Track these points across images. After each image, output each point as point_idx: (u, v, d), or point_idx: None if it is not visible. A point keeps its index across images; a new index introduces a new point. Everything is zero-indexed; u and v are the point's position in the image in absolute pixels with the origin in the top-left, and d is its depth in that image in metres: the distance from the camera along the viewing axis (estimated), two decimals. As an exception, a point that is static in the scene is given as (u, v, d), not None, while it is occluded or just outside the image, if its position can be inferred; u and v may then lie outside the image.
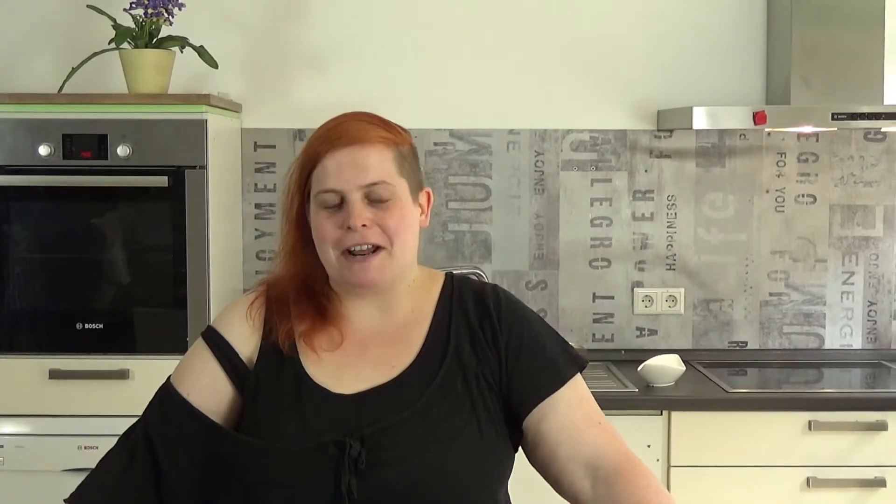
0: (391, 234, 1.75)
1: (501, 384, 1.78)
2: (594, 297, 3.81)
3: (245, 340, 1.82)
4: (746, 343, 3.82)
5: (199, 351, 1.84)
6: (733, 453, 3.21)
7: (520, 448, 1.85)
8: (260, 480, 1.71)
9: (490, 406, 1.77)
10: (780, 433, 3.21)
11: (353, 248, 1.75)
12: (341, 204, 1.75)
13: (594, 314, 3.82)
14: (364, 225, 1.74)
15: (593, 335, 3.81)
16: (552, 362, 1.81)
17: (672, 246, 3.80)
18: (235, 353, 1.81)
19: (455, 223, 3.79)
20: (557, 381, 1.79)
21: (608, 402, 3.16)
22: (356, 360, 1.79)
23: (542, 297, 3.80)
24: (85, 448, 3.13)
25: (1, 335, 3.22)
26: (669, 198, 3.79)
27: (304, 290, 1.84)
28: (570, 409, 1.78)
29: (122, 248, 3.26)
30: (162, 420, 1.79)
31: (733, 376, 3.57)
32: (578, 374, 1.83)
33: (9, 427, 3.20)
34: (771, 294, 3.81)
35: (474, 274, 3.56)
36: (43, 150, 3.18)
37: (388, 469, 1.69)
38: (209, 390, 1.79)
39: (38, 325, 3.26)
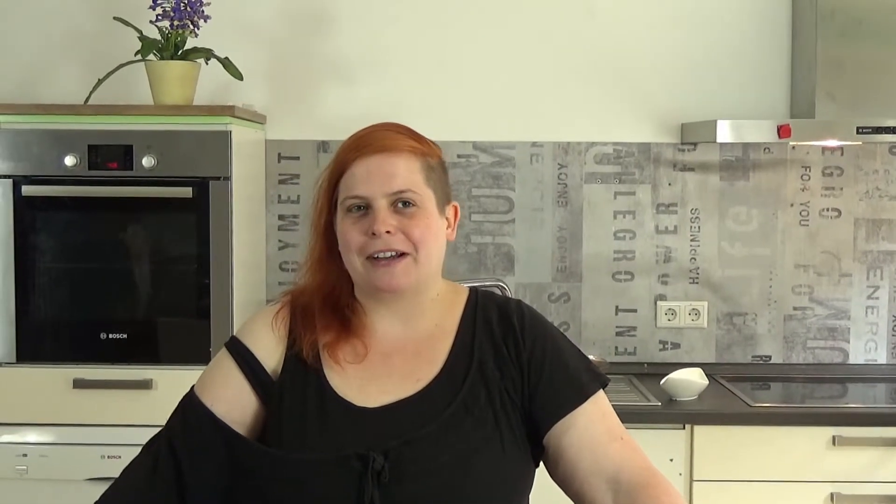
0: (416, 242, 1.76)
1: (524, 399, 1.78)
2: (617, 310, 3.80)
3: (269, 351, 1.82)
4: (770, 357, 3.80)
5: (223, 361, 1.84)
6: (756, 468, 3.19)
7: (541, 463, 1.85)
8: (282, 491, 1.71)
9: (513, 421, 1.77)
10: (804, 448, 3.19)
11: (377, 255, 1.75)
12: (367, 211, 1.76)
13: (617, 327, 3.81)
14: (388, 232, 1.74)
15: (616, 348, 3.80)
16: (574, 378, 1.81)
17: (695, 259, 3.79)
18: (259, 364, 1.81)
19: (478, 235, 3.79)
20: (579, 397, 1.79)
21: (631, 416, 3.16)
22: (380, 372, 1.80)
23: (565, 310, 3.80)
24: (108, 457, 3.14)
25: (26, 344, 3.23)
26: (693, 211, 3.78)
27: (329, 301, 1.84)
28: (592, 424, 1.78)
29: (146, 259, 3.28)
30: (185, 430, 1.79)
31: (756, 390, 3.55)
32: (601, 390, 1.83)
33: (33, 436, 3.22)
34: (795, 308, 3.80)
35: (497, 287, 3.55)
36: (69, 160, 3.20)
37: (411, 483, 1.69)
38: (233, 401, 1.80)
39: (63, 335, 3.27)
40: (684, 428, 3.21)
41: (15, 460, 3.21)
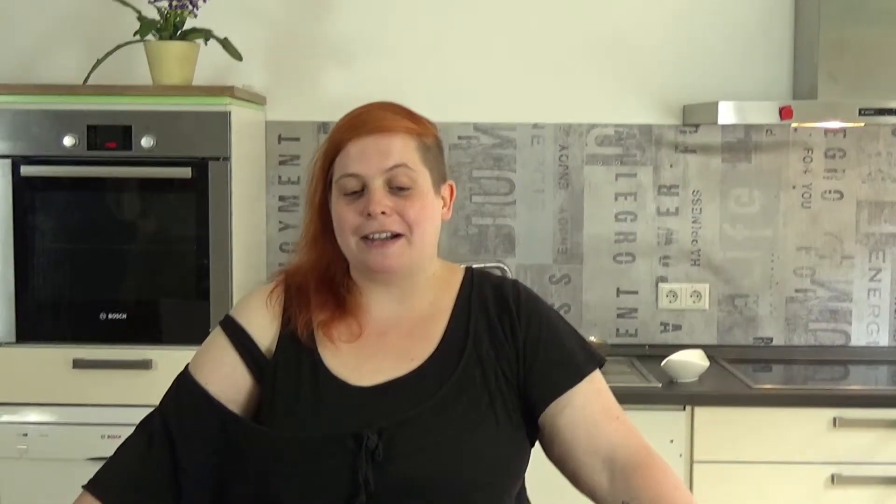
0: (410, 223, 1.75)
1: (519, 379, 1.78)
2: (618, 292, 3.80)
3: (264, 330, 1.82)
4: (772, 339, 3.80)
5: (218, 340, 1.84)
6: (757, 449, 3.18)
7: (536, 443, 1.84)
8: (275, 470, 1.71)
9: (508, 400, 1.77)
10: (805, 430, 3.19)
11: (372, 235, 1.75)
12: (362, 191, 1.76)
13: (618, 309, 3.80)
14: (384, 213, 1.74)
15: (617, 330, 3.79)
16: (570, 358, 1.81)
17: (697, 241, 3.78)
18: (254, 343, 1.81)
19: (479, 217, 3.78)
20: (575, 377, 1.79)
21: (631, 397, 3.18)
22: (375, 351, 1.79)
23: (566, 292, 3.79)
24: (108, 437, 3.13)
25: (25, 324, 3.23)
26: (694, 193, 3.77)
27: (324, 280, 1.84)
28: (588, 403, 1.78)
29: (145, 239, 3.28)
30: (179, 409, 1.79)
31: (758, 372, 3.55)
32: (597, 369, 1.82)
33: (33, 416, 3.22)
34: (797, 290, 3.79)
35: (497, 268, 3.55)
36: (67, 140, 3.19)
37: (406, 461, 1.69)
38: (227, 380, 1.80)
39: (62, 315, 3.27)
40: (685, 409, 3.20)
41: (15, 440, 3.21)
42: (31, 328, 3.23)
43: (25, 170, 3.21)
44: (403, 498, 1.68)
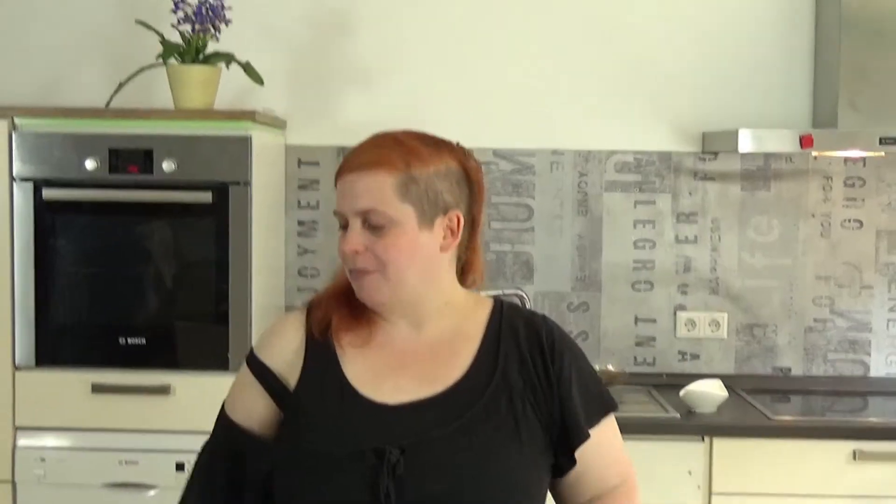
0: (383, 260, 1.77)
1: (548, 413, 1.81)
2: (636, 319, 3.79)
3: (286, 360, 1.85)
4: (790, 369, 3.78)
5: (243, 377, 1.89)
6: (776, 481, 3.17)
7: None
8: (298, 485, 1.75)
9: (533, 429, 1.79)
10: (824, 462, 3.17)
11: (353, 269, 1.80)
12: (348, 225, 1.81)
13: (636, 337, 3.79)
14: (357, 251, 1.77)
15: (635, 358, 3.78)
16: (597, 397, 1.88)
17: (715, 270, 3.77)
18: (275, 376, 1.85)
19: (497, 243, 3.78)
20: (601, 416, 1.87)
21: (650, 427, 3.18)
22: (394, 369, 1.82)
23: (584, 319, 3.78)
24: (126, 463, 3.14)
25: (45, 348, 3.23)
26: (713, 221, 3.76)
27: (344, 300, 1.86)
28: (600, 445, 1.86)
29: (165, 263, 3.28)
30: (217, 441, 1.88)
31: (776, 403, 3.53)
32: (612, 414, 1.90)
33: (51, 440, 3.22)
34: (815, 320, 3.77)
35: (516, 295, 3.54)
36: (89, 164, 3.20)
37: (427, 478, 1.71)
38: (255, 414, 1.86)
39: (82, 339, 3.27)
40: (703, 440, 3.19)
41: (34, 464, 3.21)
42: (50, 352, 3.24)
43: (47, 193, 3.21)
44: None
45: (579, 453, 1.82)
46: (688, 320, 3.77)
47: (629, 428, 3.04)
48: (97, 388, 3.19)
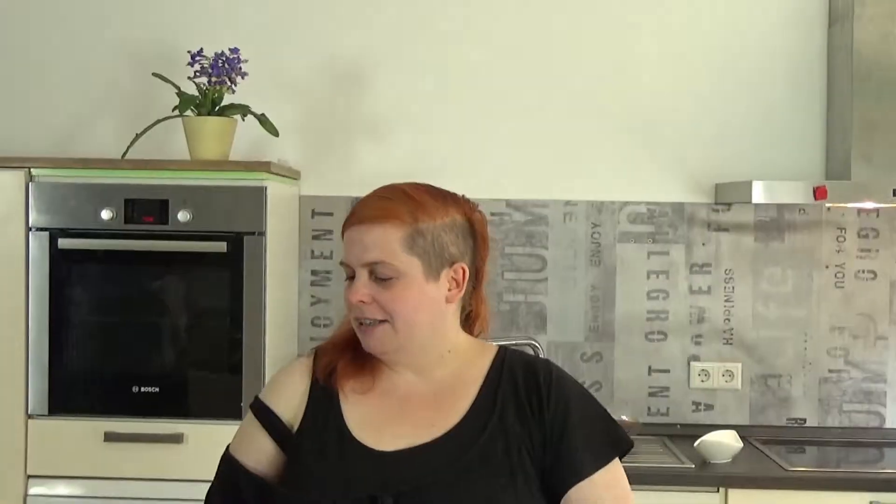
0: (390, 312, 1.79)
1: (542, 458, 1.80)
2: (650, 370, 3.78)
3: (289, 405, 1.88)
4: (805, 420, 3.76)
5: (248, 420, 1.92)
6: (792, 533, 3.14)
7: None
8: None
9: (528, 475, 1.78)
10: (841, 513, 3.15)
11: (360, 320, 1.82)
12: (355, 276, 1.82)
13: (650, 387, 3.78)
14: (364, 301, 1.79)
15: (649, 409, 3.77)
16: (592, 444, 1.83)
17: (729, 320, 3.77)
18: (280, 420, 1.87)
19: (511, 294, 3.79)
20: (595, 464, 1.82)
21: (664, 478, 3.16)
22: (396, 416, 1.83)
23: (598, 370, 3.78)
24: (138, 511, 3.15)
25: (58, 396, 3.24)
26: (727, 272, 3.76)
27: (350, 348, 1.88)
28: (602, 492, 1.81)
29: (179, 313, 3.29)
30: (223, 482, 1.90)
31: (791, 454, 3.51)
32: (617, 458, 1.85)
33: (63, 489, 3.22)
34: (830, 371, 3.76)
35: (529, 345, 3.55)
36: (105, 214, 3.23)
37: None
38: (259, 455, 1.88)
39: (95, 387, 3.28)
40: (718, 491, 3.16)
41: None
42: (63, 400, 3.24)
43: (63, 242, 3.23)
44: None
45: (571, 496, 1.79)
46: (701, 370, 3.76)
47: (644, 478, 3.07)
48: (110, 437, 3.19)
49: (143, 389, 3.23)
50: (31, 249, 3.24)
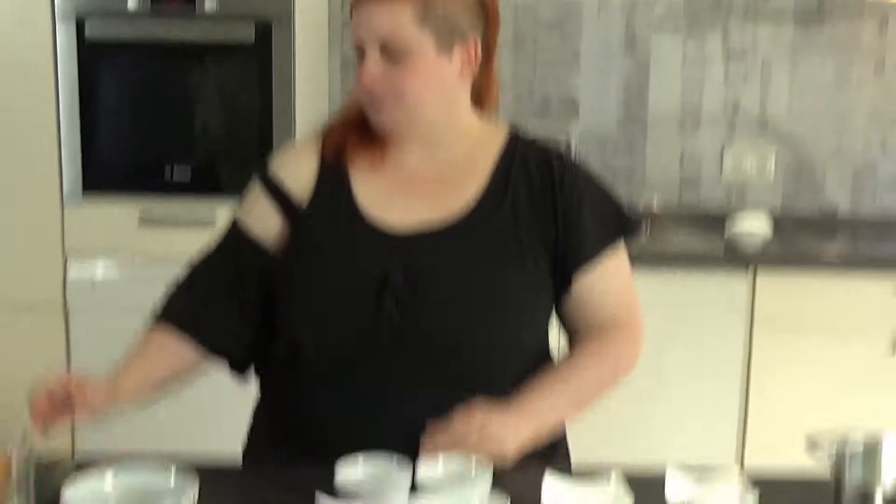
0: (402, 90, 1.76)
1: (555, 244, 1.81)
2: (682, 157, 3.75)
3: (298, 177, 1.85)
4: (837, 208, 3.74)
5: (253, 187, 1.88)
6: (819, 315, 3.17)
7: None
8: (306, 305, 1.78)
9: (538, 259, 1.80)
10: (868, 297, 3.16)
11: (371, 99, 1.78)
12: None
13: (682, 176, 3.76)
14: (375, 80, 1.75)
15: (680, 196, 3.75)
16: (604, 226, 1.85)
17: (765, 110, 3.72)
18: (286, 189, 1.84)
19: (542, 85, 3.75)
20: (603, 244, 1.84)
21: (694, 260, 3.18)
22: (406, 192, 1.83)
23: (630, 159, 3.76)
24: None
25: (92, 178, 3.29)
26: (764, 62, 3.69)
27: (359, 121, 1.86)
28: (609, 277, 1.85)
29: (209, 102, 3.30)
30: (221, 251, 1.88)
31: (822, 240, 3.51)
32: (622, 241, 1.87)
33: (101, 271, 3.31)
34: (865, 160, 3.72)
35: (560, 139, 3.52)
36: (131, 1, 3.21)
37: (431, 305, 1.74)
38: (262, 224, 1.85)
39: (129, 167, 3.35)
40: (747, 272, 3.18)
41: (87, 291, 3.31)
42: (96, 181, 3.29)
43: (90, 30, 3.23)
44: (426, 336, 1.73)
45: (579, 277, 1.82)
46: (734, 159, 3.73)
47: (673, 261, 3.09)
48: (145, 219, 3.27)
49: (176, 168, 3.28)
50: (59, 40, 3.24)
